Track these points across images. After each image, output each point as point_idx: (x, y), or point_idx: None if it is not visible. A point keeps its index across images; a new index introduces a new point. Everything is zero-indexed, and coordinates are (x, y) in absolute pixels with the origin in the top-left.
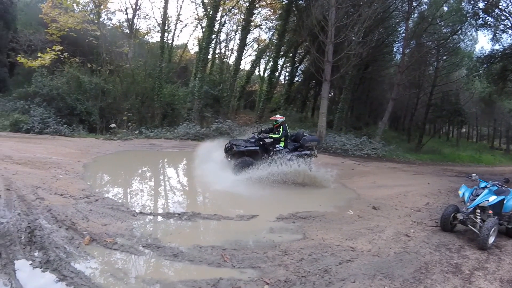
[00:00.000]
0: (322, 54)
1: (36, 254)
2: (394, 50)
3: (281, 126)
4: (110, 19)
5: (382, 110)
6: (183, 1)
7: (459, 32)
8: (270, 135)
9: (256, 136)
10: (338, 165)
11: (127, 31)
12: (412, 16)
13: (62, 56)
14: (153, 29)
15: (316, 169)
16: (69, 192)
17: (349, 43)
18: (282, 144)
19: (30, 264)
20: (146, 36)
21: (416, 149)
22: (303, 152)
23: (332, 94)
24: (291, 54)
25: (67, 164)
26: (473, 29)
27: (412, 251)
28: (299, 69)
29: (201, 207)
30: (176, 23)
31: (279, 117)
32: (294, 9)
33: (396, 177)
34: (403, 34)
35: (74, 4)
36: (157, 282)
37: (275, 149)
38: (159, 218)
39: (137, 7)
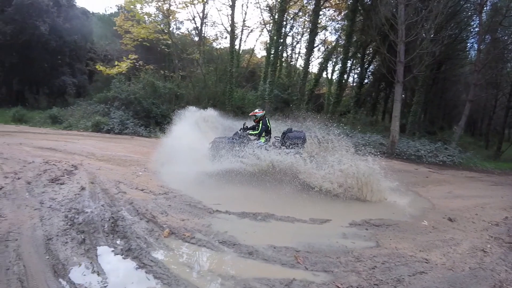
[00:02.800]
0: (392, 54)
1: (118, 242)
2: (468, 46)
3: (261, 121)
4: (179, 28)
5: (457, 113)
6: (247, 7)
7: None
8: (249, 132)
9: (238, 133)
10: (411, 172)
11: (196, 38)
12: (485, 8)
13: (137, 64)
14: (220, 36)
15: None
16: (148, 188)
17: (421, 41)
18: (262, 140)
19: (112, 251)
20: (213, 43)
21: (495, 157)
22: (285, 150)
23: (403, 96)
24: (359, 55)
25: (145, 162)
26: None
27: (487, 267)
28: (368, 70)
29: (274, 208)
30: (242, 29)
31: (257, 112)
32: (360, 8)
33: (473, 187)
34: (477, 29)
35: (146, 16)
36: (232, 277)
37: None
38: (234, 217)
39: (204, 16)
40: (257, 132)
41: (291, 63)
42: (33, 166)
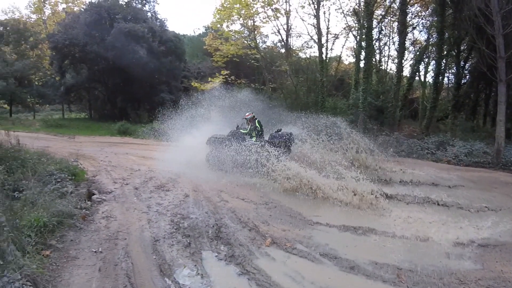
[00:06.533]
0: (491, 49)
1: (221, 248)
2: None
3: (250, 123)
4: (265, 42)
5: None
6: (329, 14)
7: None
8: (241, 131)
9: (232, 132)
10: None
11: (283, 50)
12: None
13: (229, 79)
14: (306, 46)
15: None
16: (249, 198)
17: None
18: (254, 138)
19: (216, 256)
20: (300, 53)
21: None
22: (267, 147)
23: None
24: (453, 53)
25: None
26: None
27: None
28: (464, 69)
29: (375, 223)
30: (327, 36)
31: (247, 115)
32: (448, 1)
33: None
34: None
35: (232, 33)
36: None
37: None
38: (335, 230)
39: (289, 28)
40: (245, 131)
41: (381, 67)
42: (139, 173)
